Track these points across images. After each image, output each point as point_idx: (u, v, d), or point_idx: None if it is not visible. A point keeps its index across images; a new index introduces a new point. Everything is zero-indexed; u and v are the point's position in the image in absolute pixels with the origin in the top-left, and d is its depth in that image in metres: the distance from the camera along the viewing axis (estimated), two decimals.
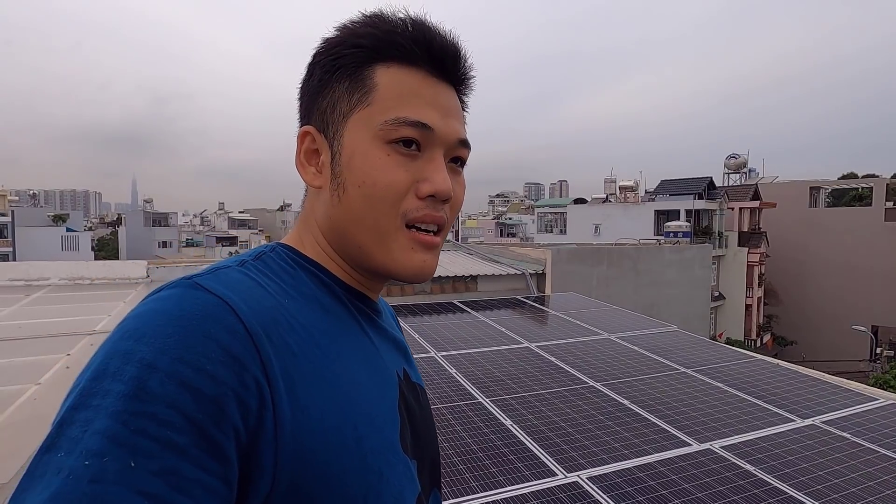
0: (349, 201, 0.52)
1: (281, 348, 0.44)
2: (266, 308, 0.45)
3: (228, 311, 0.42)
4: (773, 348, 23.68)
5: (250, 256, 0.52)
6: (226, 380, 0.39)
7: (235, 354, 0.40)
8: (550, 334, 4.39)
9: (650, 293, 11.10)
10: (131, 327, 0.41)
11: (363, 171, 0.51)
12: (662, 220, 23.52)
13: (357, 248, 0.53)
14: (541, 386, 3.17)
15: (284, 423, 0.41)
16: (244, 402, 0.39)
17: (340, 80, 0.53)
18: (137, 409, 0.36)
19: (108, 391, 0.37)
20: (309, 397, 0.44)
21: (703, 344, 4.29)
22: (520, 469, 2.20)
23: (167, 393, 0.37)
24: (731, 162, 32.26)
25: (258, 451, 0.40)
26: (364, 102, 0.52)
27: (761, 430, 2.66)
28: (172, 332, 0.39)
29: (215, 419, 0.38)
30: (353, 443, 0.46)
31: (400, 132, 0.51)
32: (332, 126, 0.53)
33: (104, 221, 65.36)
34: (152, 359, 0.38)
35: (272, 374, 0.42)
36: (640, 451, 2.40)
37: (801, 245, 27.14)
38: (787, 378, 3.52)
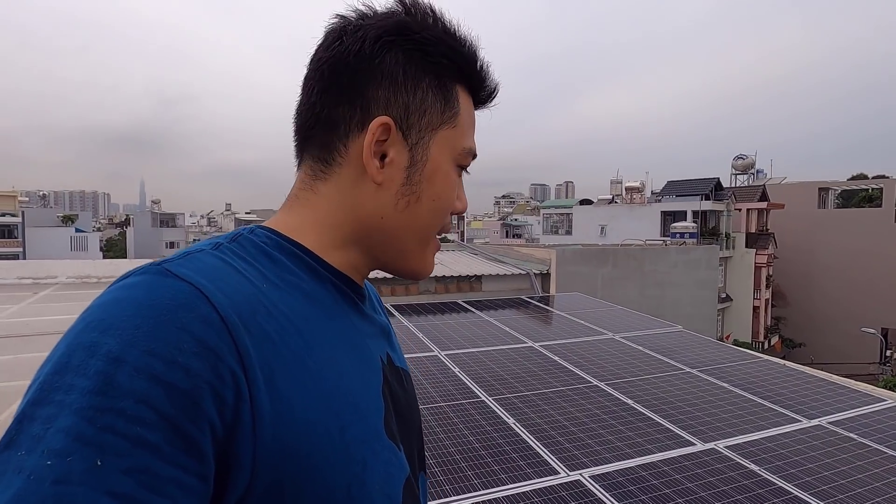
0: (420, 211, 0.53)
1: (259, 337, 0.42)
2: (243, 295, 0.43)
3: (202, 299, 0.40)
4: (780, 350, 23.49)
5: (226, 239, 0.50)
6: (200, 372, 0.37)
7: (210, 345, 0.38)
8: (554, 334, 4.37)
9: (656, 294, 11.04)
10: (96, 317, 0.38)
11: (441, 189, 0.54)
12: (669, 221, 23.41)
13: (399, 251, 0.55)
14: (544, 385, 3.17)
15: (263, 415, 0.40)
16: (220, 395, 0.37)
17: (433, 89, 0.53)
18: (104, 405, 0.34)
19: (72, 386, 0.35)
20: (289, 388, 0.42)
21: (708, 344, 4.27)
22: (522, 467, 2.20)
23: (137, 387, 0.35)
24: (739, 163, 32.07)
25: (235, 446, 0.38)
26: (452, 123, 0.54)
27: (767, 431, 2.64)
28: (141, 322, 0.37)
29: (189, 414, 0.36)
30: (336, 433, 0.44)
31: (467, 161, 0.57)
32: (418, 132, 0.53)
33: (112, 222, 65.92)
34: (120, 351, 0.36)
35: (249, 365, 0.40)
36: (644, 450, 2.39)
37: (809, 247, 26.92)
38: (794, 378, 3.49)
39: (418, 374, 3.23)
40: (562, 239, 28.01)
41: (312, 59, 0.54)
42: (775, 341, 24.97)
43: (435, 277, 6.70)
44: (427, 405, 2.79)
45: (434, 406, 2.78)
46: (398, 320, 4.54)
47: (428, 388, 3.02)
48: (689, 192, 24.22)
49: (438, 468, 2.17)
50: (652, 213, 24.90)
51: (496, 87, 0.58)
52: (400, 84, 0.51)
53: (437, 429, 2.52)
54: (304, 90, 0.54)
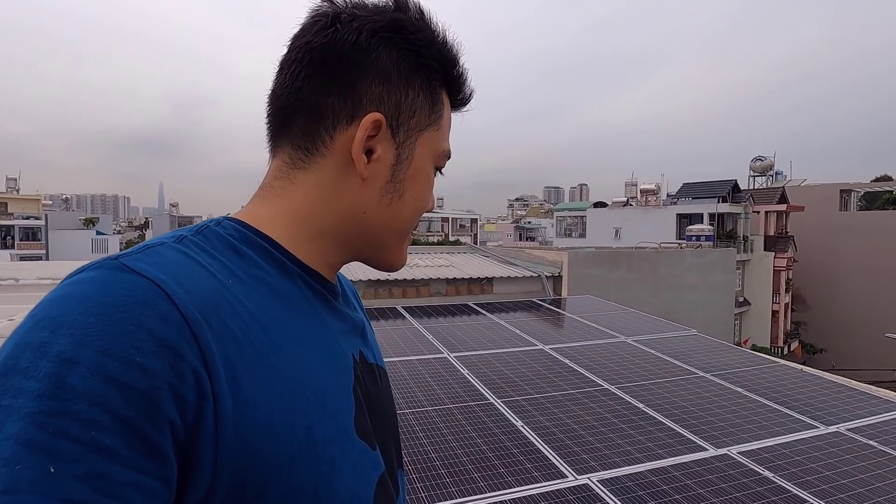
0: (402, 208, 0.54)
1: (223, 335, 0.40)
2: (205, 290, 0.41)
3: (160, 294, 0.38)
4: (801, 356, 22.97)
5: (191, 231, 0.48)
6: (159, 372, 0.36)
7: (169, 343, 0.37)
8: (565, 337, 4.33)
9: (670, 298, 10.88)
10: (46, 315, 0.36)
11: (422, 188, 0.56)
12: (684, 224, 23.09)
13: (378, 246, 0.56)
14: (553, 388, 3.14)
15: (226, 415, 0.38)
16: (180, 394, 0.36)
17: (423, 91, 0.53)
18: (56, 408, 0.32)
19: (20, 390, 0.33)
20: (254, 386, 0.41)
21: (723, 348, 4.19)
22: (529, 470, 2.18)
23: (91, 389, 0.33)
24: (757, 164, 31.52)
25: (197, 447, 0.37)
26: (436, 125, 0.55)
27: (782, 437, 2.58)
28: (94, 321, 0.35)
29: (148, 415, 0.35)
30: (301, 432, 0.43)
31: (443, 162, 0.59)
32: (406, 131, 0.53)
33: (132, 225, 67.25)
34: (72, 352, 0.34)
35: (212, 363, 0.38)
36: (654, 454, 2.35)
37: (830, 250, 26.29)
38: (811, 384, 3.41)
39: (426, 376, 3.22)
40: (575, 242, 27.80)
41: (298, 41, 0.51)
42: (795, 347, 24.42)
43: (446, 280, 6.70)
44: (435, 406, 2.78)
45: (442, 407, 2.77)
46: (408, 322, 4.55)
47: (436, 390, 3.02)
48: (706, 195, 23.87)
49: (444, 469, 2.16)
50: (667, 216, 24.59)
51: (472, 93, 0.60)
52: (393, 82, 0.51)
53: (444, 430, 2.51)
54: (285, 71, 0.51)
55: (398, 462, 0.60)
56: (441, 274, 6.74)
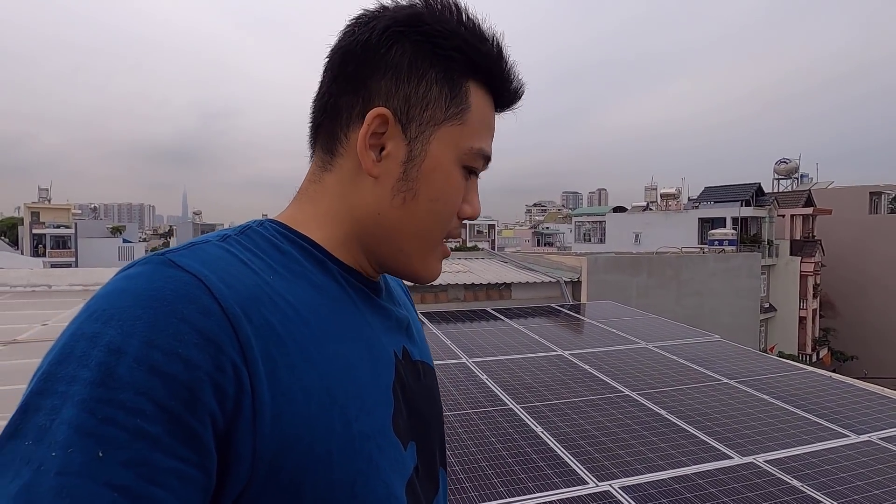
0: (416, 210, 0.51)
1: (262, 329, 0.41)
2: (246, 286, 0.42)
3: (203, 289, 0.39)
4: (830, 364, 22.23)
5: (235, 231, 0.49)
6: (200, 364, 0.37)
7: (210, 336, 0.38)
8: (585, 342, 4.29)
9: (693, 303, 10.68)
10: (98, 307, 0.38)
11: (441, 189, 0.51)
12: (707, 229, 22.66)
13: (397, 251, 0.53)
14: (573, 394, 3.11)
15: (264, 408, 0.39)
16: (220, 386, 0.37)
17: (438, 81, 0.50)
18: (104, 396, 0.34)
19: (74, 377, 0.35)
20: (293, 380, 0.41)
21: (748, 354, 4.10)
22: (549, 476, 2.16)
23: (136, 379, 0.35)
24: (782, 167, 30.80)
25: (235, 438, 0.38)
26: (458, 119, 0.51)
27: (810, 445, 2.51)
28: (142, 313, 0.37)
29: (189, 406, 0.36)
30: (340, 427, 0.43)
31: (476, 162, 0.53)
32: (419, 126, 0.50)
33: (157, 233, 68.86)
34: (120, 343, 0.36)
35: (251, 357, 0.39)
36: (677, 462, 2.31)
37: (860, 254, 25.47)
38: (841, 391, 3.31)
39: (445, 381, 3.23)
40: (594, 247, 27.50)
41: (330, 50, 0.53)
42: (824, 354, 23.66)
43: (464, 285, 6.70)
44: (454, 412, 2.78)
45: (461, 413, 2.77)
46: (427, 327, 4.56)
47: (455, 395, 3.02)
48: (728, 198, 23.41)
49: (464, 475, 2.16)
50: (688, 220, 24.17)
51: (520, 89, 0.55)
52: (403, 75, 0.49)
53: (463, 435, 2.51)
54: (320, 80, 0.54)
55: (441, 460, 0.60)
56: (459, 279, 6.75)
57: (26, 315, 3.95)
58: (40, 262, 17.84)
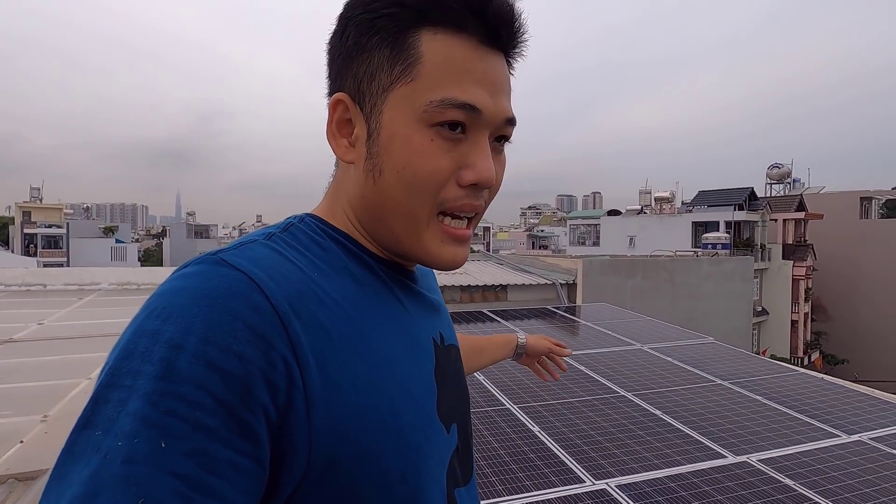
0: (386, 185, 0.48)
1: (310, 324, 0.42)
2: (293, 283, 0.44)
3: (254, 287, 0.41)
4: (821, 367, 22.43)
5: (278, 228, 0.50)
6: (253, 359, 0.38)
7: (261, 333, 0.39)
8: (581, 344, 4.33)
9: (687, 306, 10.76)
10: (158, 305, 0.40)
11: (404, 157, 0.47)
12: (700, 232, 22.83)
13: (389, 233, 0.51)
14: (570, 394, 3.14)
15: (316, 401, 0.40)
16: (272, 381, 0.38)
17: (380, 46, 0.47)
18: (166, 389, 0.36)
19: (139, 371, 0.37)
20: (342, 373, 0.43)
21: (741, 356, 4.14)
22: (547, 475, 2.19)
23: (195, 373, 0.36)
24: (774, 172, 31.11)
25: (290, 430, 0.39)
26: (407, 76, 0.47)
27: (802, 445, 2.55)
28: (198, 311, 0.39)
29: (244, 399, 0.37)
30: (389, 418, 0.45)
31: (446, 115, 0.46)
32: (370, 99, 0.48)
33: (150, 233, 68.36)
34: (180, 339, 0.37)
35: (301, 352, 0.41)
36: (672, 461, 2.34)
37: (851, 258, 25.75)
38: (832, 392, 3.36)
39: None
40: (589, 250, 27.62)
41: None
42: (816, 357, 23.89)
43: (460, 287, 6.72)
44: None
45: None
46: None
47: None
48: (722, 202, 23.60)
49: None
50: (682, 224, 24.35)
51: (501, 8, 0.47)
52: (353, 56, 0.49)
53: None
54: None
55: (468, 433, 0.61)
56: (455, 281, 6.78)
57: (22, 314, 3.93)
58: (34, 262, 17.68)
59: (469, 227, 0.52)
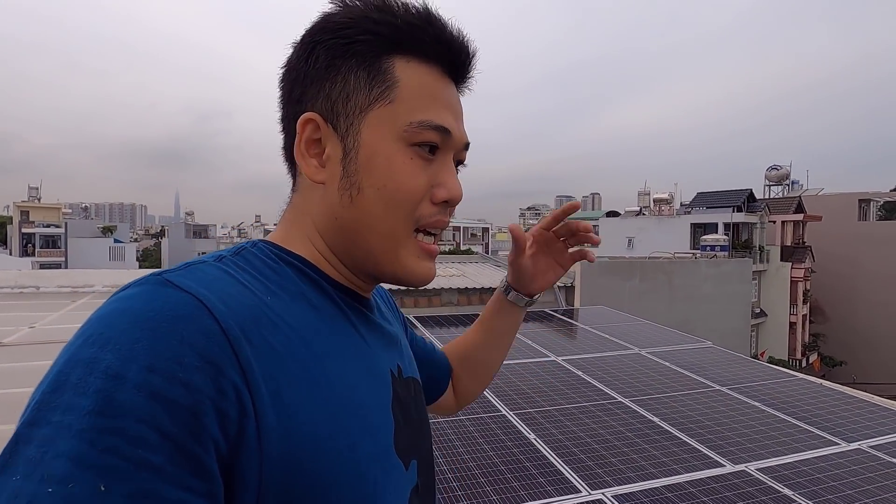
0: (365, 203, 0.48)
1: (263, 350, 0.40)
2: (245, 306, 0.41)
3: (202, 310, 0.38)
4: (820, 369, 22.44)
5: (229, 252, 0.48)
6: (201, 387, 0.35)
7: (210, 359, 0.36)
8: (578, 348, 4.30)
9: (685, 308, 10.75)
10: (94, 331, 0.36)
11: (386, 175, 0.48)
12: (699, 234, 22.83)
13: (365, 252, 0.50)
14: (566, 400, 3.11)
15: (269, 431, 0.38)
16: (222, 410, 0.36)
17: (356, 69, 0.48)
18: (105, 425, 0.32)
19: (71, 406, 0.33)
20: (297, 402, 0.40)
21: (740, 361, 4.12)
22: (542, 484, 2.15)
23: (137, 406, 0.33)
24: (773, 173, 31.14)
25: (240, 464, 0.37)
26: (386, 98, 0.48)
27: (801, 453, 2.52)
28: (140, 336, 0.35)
29: (192, 432, 0.34)
30: (346, 450, 0.43)
31: (424, 136, 0.49)
32: (346, 119, 0.49)
33: (149, 233, 68.27)
34: (119, 367, 0.34)
35: (252, 379, 0.38)
36: (670, 470, 2.31)
37: (849, 260, 25.78)
38: (832, 399, 3.33)
39: None
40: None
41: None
42: (814, 359, 23.89)
43: (458, 289, 6.69)
44: (446, 418, 2.77)
45: (454, 419, 2.76)
46: (420, 332, 4.54)
47: None
48: (720, 204, 23.61)
49: (457, 483, 2.15)
50: (681, 226, 24.35)
51: (463, 49, 0.52)
52: (323, 78, 0.49)
53: (456, 443, 2.50)
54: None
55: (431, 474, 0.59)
56: (453, 283, 6.74)
57: (13, 317, 3.89)
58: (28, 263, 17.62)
59: (435, 242, 0.54)
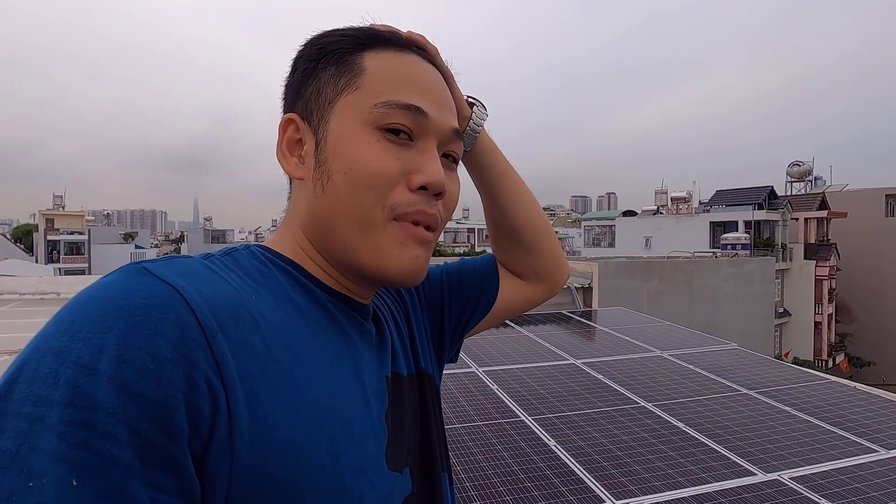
0: (334, 190, 0.47)
1: (240, 346, 0.38)
2: (225, 300, 0.39)
3: (178, 299, 0.37)
4: (847, 370, 21.79)
5: (219, 253, 0.47)
6: (173, 381, 0.34)
7: (183, 351, 0.35)
8: (597, 350, 4.20)
9: (706, 309, 10.52)
10: (67, 319, 0.35)
11: (350, 157, 0.46)
12: (719, 232, 22.39)
13: (342, 244, 0.48)
14: (587, 405, 3.02)
15: (242, 432, 0.36)
16: (194, 405, 0.34)
17: (326, 67, 0.50)
18: (75, 418, 0.31)
19: (41, 397, 0.32)
20: (275, 403, 0.38)
21: (767, 363, 3.97)
22: (564, 494, 2.08)
23: (107, 399, 0.32)
24: (795, 170, 30.44)
25: (210, 464, 0.35)
26: (352, 86, 0.48)
27: (838, 461, 2.39)
28: (112, 324, 0.34)
29: (164, 428, 0.33)
30: (328, 459, 0.40)
31: (391, 117, 0.47)
32: (318, 112, 0.49)
33: (168, 239, 69.63)
34: (90, 358, 0.33)
35: (227, 375, 0.36)
36: (698, 478, 2.21)
37: (877, 257, 25.01)
38: (867, 403, 3.18)
39: (454, 391, 3.15)
40: (604, 252, 27.31)
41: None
42: (841, 360, 23.20)
43: None
44: (464, 423, 2.70)
45: (471, 425, 2.69)
46: None
47: (465, 406, 2.94)
48: (741, 202, 23.13)
49: (475, 492, 2.08)
50: (700, 224, 23.90)
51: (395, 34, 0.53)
52: (299, 83, 0.51)
53: (473, 448, 2.43)
54: None
55: (443, 465, 0.58)
56: None
57: (34, 323, 3.94)
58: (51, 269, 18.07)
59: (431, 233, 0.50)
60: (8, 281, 5.21)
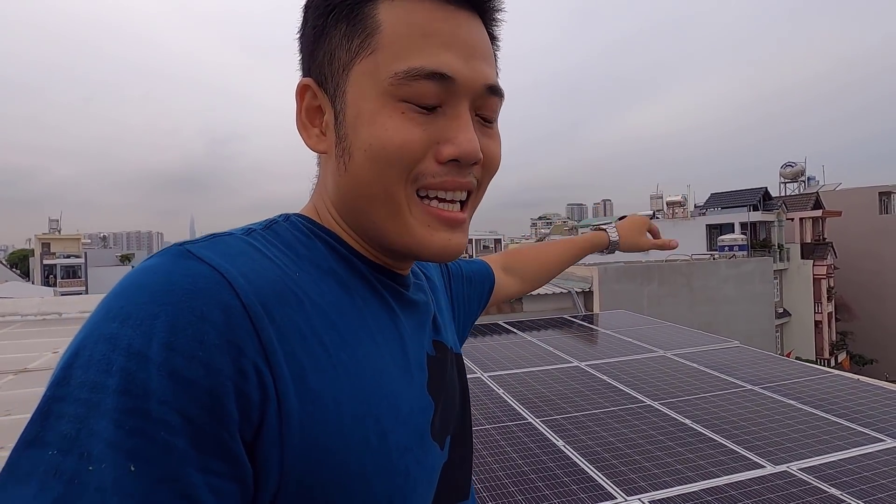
0: (356, 169, 0.44)
1: (287, 329, 0.38)
2: (269, 281, 0.39)
3: (223, 283, 0.36)
4: (849, 368, 21.77)
5: (260, 226, 0.46)
6: (222, 368, 0.33)
7: (230, 337, 0.34)
8: (601, 352, 4.21)
9: (706, 311, 10.54)
10: (115, 305, 0.35)
11: (371, 134, 0.42)
12: (715, 235, 22.50)
13: (371, 224, 0.46)
14: (593, 405, 3.02)
15: (291, 416, 0.36)
16: (244, 393, 0.34)
17: (337, 24, 0.44)
18: (130, 405, 0.31)
19: (96, 384, 0.32)
20: (322, 386, 0.38)
21: (770, 359, 3.99)
22: (575, 491, 2.08)
23: (159, 387, 0.32)
24: (788, 170, 30.70)
25: (261, 450, 0.35)
26: (366, 49, 0.43)
27: (845, 451, 2.40)
28: (158, 311, 0.34)
29: (215, 414, 0.33)
30: (375, 438, 0.40)
31: (415, 88, 0.42)
32: (333, 80, 0.45)
33: None
34: (140, 345, 0.32)
35: (274, 361, 0.36)
36: (707, 473, 2.22)
37: (873, 255, 25.14)
38: (870, 394, 3.19)
39: None
40: (603, 257, 27.32)
41: None
42: (843, 358, 23.19)
43: None
44: (473, 427, 2.70)
45: (479, 429, 2.70)
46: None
47: (472, 410, 2.94)
48: (736, 204, 23.29)
49: (487, 493, 2.08)
50: (696, 227, 24.02)
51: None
52: (311, 41, 0.46)
53: (483, 452, 2.44)
54: None
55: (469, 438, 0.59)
56: None
57: (37, 343, 3.93)
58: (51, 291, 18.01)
59: (463, 211, 0.46)
60: (9, 303, 5.21)
